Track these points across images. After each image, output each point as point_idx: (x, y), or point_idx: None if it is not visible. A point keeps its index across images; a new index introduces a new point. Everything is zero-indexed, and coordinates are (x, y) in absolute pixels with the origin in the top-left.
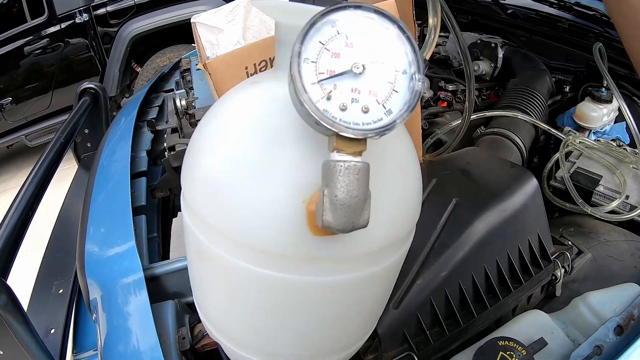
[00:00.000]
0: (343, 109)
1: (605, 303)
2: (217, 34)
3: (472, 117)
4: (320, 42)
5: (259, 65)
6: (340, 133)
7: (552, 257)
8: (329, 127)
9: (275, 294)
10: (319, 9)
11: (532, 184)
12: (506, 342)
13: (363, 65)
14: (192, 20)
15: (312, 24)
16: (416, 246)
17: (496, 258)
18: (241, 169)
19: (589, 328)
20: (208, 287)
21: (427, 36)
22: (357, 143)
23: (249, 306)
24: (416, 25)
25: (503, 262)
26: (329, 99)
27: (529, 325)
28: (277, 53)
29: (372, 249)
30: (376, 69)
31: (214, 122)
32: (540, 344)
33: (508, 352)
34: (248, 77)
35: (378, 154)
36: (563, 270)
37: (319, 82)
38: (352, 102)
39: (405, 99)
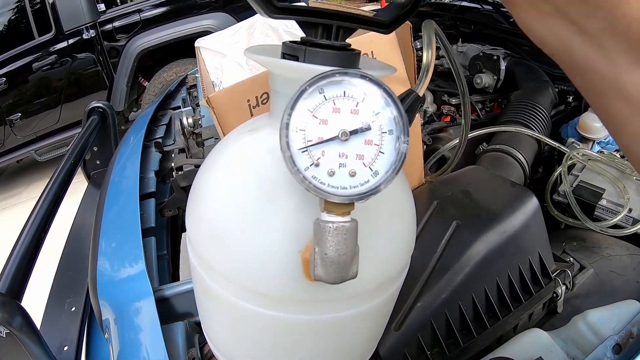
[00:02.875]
0: (331, 174)
1: (604, 321)
2: (220, 58)
3: (474, 133)
4: (308, 109)
5: (260, 97)
6: (327, 200)
7: (553, 275)
8: (317, 194)
9: (278, 331)
10: (310, 67)
11: (533, 203)
12: None
13: (349, 132)
14: (196, 45)
15: (300, 92)
16: (417, 269)
17: (496, 278)
18: (241, 218)
19: (589, 346)
20: (214, 319)
21: (421, 72)
22: (345, 205)
23: (253, 340)
24: (414, 51)
25: (503, 282)
26: (317, 165)
27: (529, 344)
28: (272, 102)
29: (367, 288)
30: (363, 133)
31: (214, 171)
32: None
33: None
34: (250, 109)
35: (373, 203)
36: (564, 287)
37: (307, 149)
38: (339, 167)
39: (391, 160)
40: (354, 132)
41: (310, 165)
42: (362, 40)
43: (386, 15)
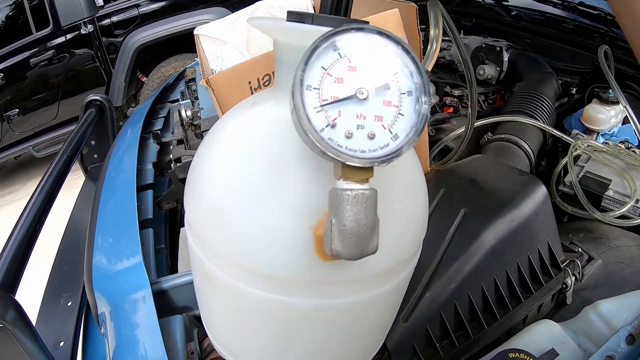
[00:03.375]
0: (348, 136)
1: (616, 311)
2: (220, 45)
3: (479, 122)
4: (322, 67)
5: (262, 79)
6: (347, 162)
7: (562, 265)
8: (334, 157)
9: (284, 317)
10: (319, 29)
11: (541, 191)
12: (517, 354)
13: (367, 90)
14: (195, 32)
15: (313, 48)
16: (425, 259)
17: (506, 268)
18: (245, 195)
19: (601, 337)
20: (214, 307)
21: (428, 47)
22: (364, 171)
23: (256, 328)
24: (420, 33)
25: (513, 272)
26: (333, 126)
27: (540, 335)
28: (277, 73)
29: (381, 270)
30: (381, 92)
31: (214, 147)
32: (552, 354)
33: None
34: (252, 91)
35: (384, 174)
36: (574, 278)
37: (322, 109)
38: (357, 128)
39: (412, 123)
40: (372, 92)
41: (326, 127)
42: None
43: None
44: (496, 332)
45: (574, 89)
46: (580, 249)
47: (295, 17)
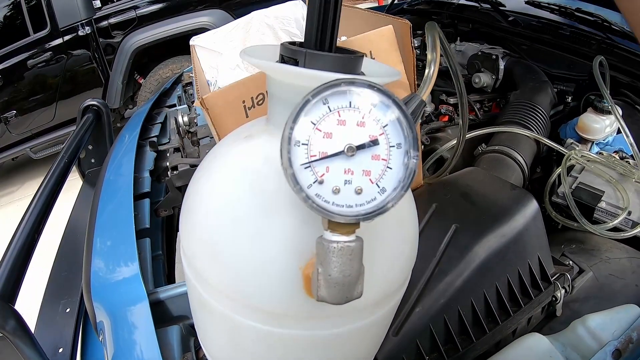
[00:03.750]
0: (336, 192)
1: (604, 326)
2: (216, 57)
3: (473, 133)
4: (311, 122)
5: (256, 99)
6: (332, 220)
7: (552, 279)
8: (321, 214)
9: (275, 346)
10: (310, 72)
11: (533, 206)
12: None
13: (356, 147)
14: (190, 43)
15: (303, 104)
16: (416, 274)
17: (496, 283)
18: (238, 232)
19: (588, 351)
20: (210, 332)
21: (425, 71)
22: (350, 225)
23: (250, 353)
24: (414, 51)
25: (503, 286)
26: (321, 182)
27: (528, 349)
28: (270, 106)
29: (368, 303)
30: (370, 146)
31: (208, 179)
32: None
33: None
34: (245, 111)
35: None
36: (563, 290)
37: (310, 165)
38: (345, 184)
39: (400, 177)
40: (360, 147)
41: (314, 183)
42: (360, 40)
43: None
44: (485, 346)
45: (570, 97)
46: (570, 262)
47: (288, 52)
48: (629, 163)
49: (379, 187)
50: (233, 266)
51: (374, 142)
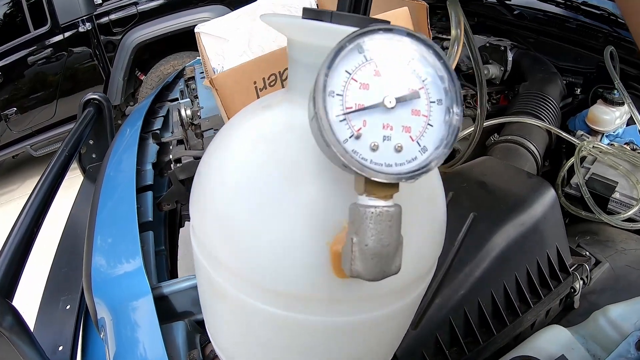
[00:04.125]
0: (374, 148)
1: (625, 316)
2: (222, 43)
3: (485, 123)
4: (346, 71)
5: (268, 79)
6: (372, 178)
7: (570, 270)
8: (359, 171)
9: (295, 335)
10: (339, 28)
11: (550, 194)
12: None
13: (395, 98)
14: (196, 30)
15: (338, 50)
16: None
17: (515, 273)
18: (257, 206)
19: (610, 342)
20: (220, 318)
21: (450, 47)
22: (389, 187)
23: (264, 342)
24: (431, 33)
25: (522, 277)
26: (358, 137)
27: (549, 341)
28: (291, 74)
29: (398, 286)
30: (410, 101)
31: (223, 151)
32: None
33: None
34: (257, 92)
35: (406, 184)
36: (581, 282)
37: (346, 118)
38: (383, 140)
39: (442, 135)
40: (400, 100)
41: (350, 137)
42: None
43: None
44: (505, 339)
45: (578, 90)
46: (587, 253)
47: (311, 14)
48: None
49: (419, 145)
50: (250, 243)
51: (414, 95)
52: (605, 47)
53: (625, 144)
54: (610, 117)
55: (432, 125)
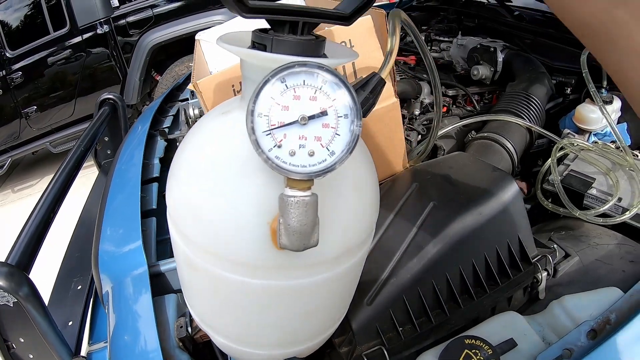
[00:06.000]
0: (292, 154)
1: (582, 307)
2: (218, 50)
3: (465, 121)
4: (271, 97)
5: None
6: (289, 177)
7: (533, 260)
8: (279, 172)
9: (252, 296)
10: (275, 57)
11: (512, 188)
12: (473, 341)
13: (308, 117)
14: (196, 38)
15: (264, 82)
16: (392, 246)
17: (472, 260)
18: (216, 195)
19: (565, 331)
20: (195, 289)
21: (385, 57)
22: (305, 182)
23: (231, 306)
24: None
25: (480, 263)
26: (279, 146)
27: (503, 326)
28: (243, 86)
29: (329, 256)
30: (320, 117)
31: (188, 150)
32: (509, 344)
33: (473, 351)
34: (234, 94)
35: (332, 176)
36: (545, 273)
37: (270, 132)
38: (299, 147)
39: (346, 141)
40: (312, 117)
41: (274, 147)
42: (340, 29)
43: (347, 9)
44: (460, 321)
45: (569, 89)
46: (554, 246)
47: (258, 39)
48: (625, 152)
49: (328, 150)
50: (212, 225)
51: (324, 113)
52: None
53: (611, 142)
54: (597, 115)
55: (339, 135)
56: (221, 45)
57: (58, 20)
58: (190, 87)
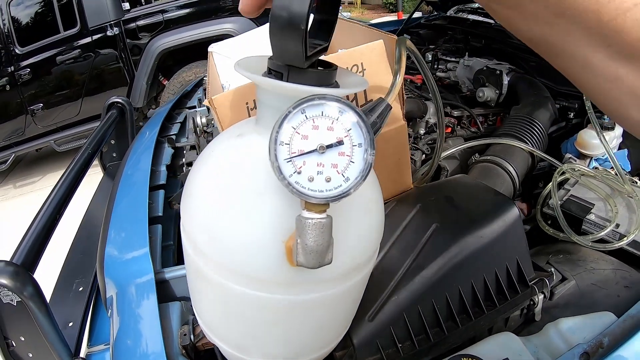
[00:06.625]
0: (310, 180)
1: (576, 329)
2: (231, 63)
3: (468, 144)
4: (292, 127)
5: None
6: (307, 201)
7: (530, 283)
8: (299, 197)
9: (264, 310)
10: (291, 87)
11: (513, 212)
12: (469, 359)
13: (326, 146)
14: (209, 50)
15: (286, 114)
16: (394, 266)
17: (471, 281)
18: (232, 215)
19: (559, 353)
20: (205, 299)
21: (391, 83)
22: (321, 205)
23: (241, 317)
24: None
25: (479, 284)
26: (299, 173)
27: (498, 346)
28: (259, 110)
29: (338, 273)
30: (337, 147)
31: (205, 172)
32: None
33: None
34: (248, 111)
35: (344, 200)
36: (542, 295)
37: (291, 160)
38: (317, 174)
39: (360, 168)
40: (329, 146)
41: (294, 173)
42: (353, 52)
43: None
44: (457, 340)
45: (572, 114)
46: (553, 269)
47: (275, 66)
48: (624, 178)
49: (344, 176)
50: (228, 242)
51: (340, 143)
52: None
53: (611, 168)
54: (598, 141)
55: (353, 162)
56: (238, 71)
57: (69, 20)
58: (205, 103)
